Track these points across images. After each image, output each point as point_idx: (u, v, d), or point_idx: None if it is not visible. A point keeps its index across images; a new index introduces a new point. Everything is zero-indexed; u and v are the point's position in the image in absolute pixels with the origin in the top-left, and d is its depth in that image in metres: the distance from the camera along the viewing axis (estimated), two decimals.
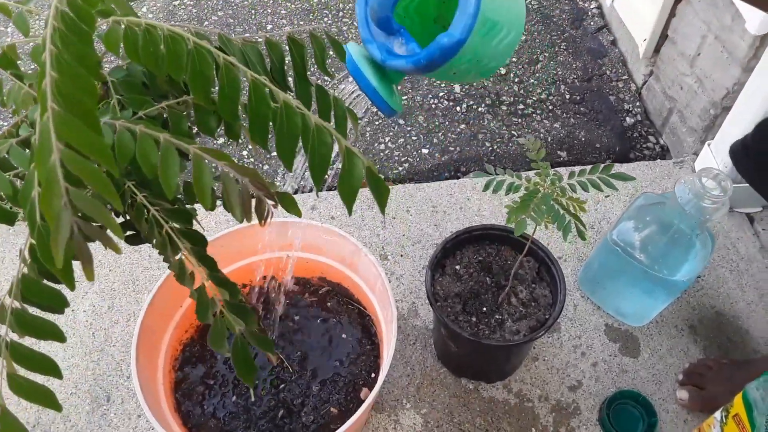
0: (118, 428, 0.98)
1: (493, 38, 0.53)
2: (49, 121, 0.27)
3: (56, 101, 0.27)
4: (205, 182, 0.37)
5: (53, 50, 0.30)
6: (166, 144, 0.36)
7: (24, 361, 0.38)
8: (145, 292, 1.13)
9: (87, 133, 0.27)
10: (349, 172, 0.38)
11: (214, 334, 0.44)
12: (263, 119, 0.39)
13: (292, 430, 0.84)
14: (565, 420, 0.98)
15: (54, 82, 0.28)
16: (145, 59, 0.42)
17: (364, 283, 0.93)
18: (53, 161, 0.26)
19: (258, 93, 0.38)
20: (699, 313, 1.11)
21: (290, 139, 0.38)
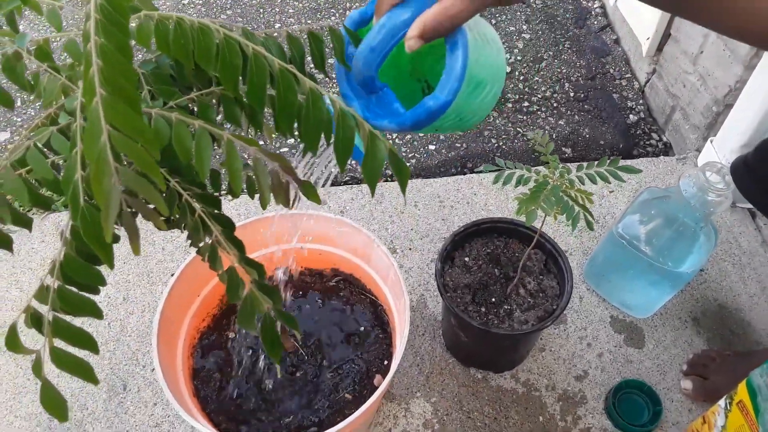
0: (135, 416, 1.00)
1: (477, 96, 0.52)
2: (98, 106, 0.29)
3: (103, 87, 0.30)
4: (236, 166, 0.39)
5: (98, 40, 0.32)
6: (201, 130, 0.39)
7: (65, 335, 0.41)
8: (159, 284, 1.15)
9: (132, 116, 0.29)
10: (372, 155, 0.40)
11: (243, 313, 0.47)
12: (290, 107, 0.41)
13: (307, 415, 0.87)
14: (572, 409, 1.01)
15: (100, 70, 0.30)
16: (176, 51, 0.44)
17: (377, 274, 0.95)
18: (103, 141, 0.28)
19: (285, 81, 0.40)
20: (702, 305, 1.13)
21: (316, 125, 0.40)
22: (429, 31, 0.47)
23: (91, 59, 0.32)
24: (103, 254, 0.38)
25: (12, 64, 0.43)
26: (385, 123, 0.52)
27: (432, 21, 0.47)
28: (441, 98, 0.49)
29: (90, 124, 0.30)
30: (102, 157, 0.30)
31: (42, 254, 1.20)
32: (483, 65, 0.52)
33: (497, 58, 0.55)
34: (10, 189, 0.39)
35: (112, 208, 0.31)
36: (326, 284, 1.01)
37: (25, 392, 1.03)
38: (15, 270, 1.18)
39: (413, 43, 0.48)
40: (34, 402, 1.02)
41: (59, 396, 0.40)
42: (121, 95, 0.31)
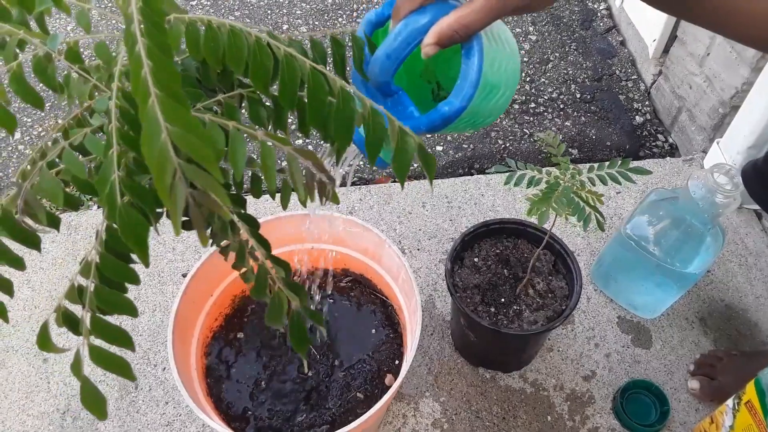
0: (146, 415, 1.01)
1: (491, 100, 0.53)
2: (154, 105, 0.30)
3: (157, 87, 0.30)
4: (270, 165, 0.40)
5: (145, 42, 0.33)
6: (234, 131, 0.39)
7: (104, 333, 0.42)
8: (170, 284, 1.16)
9: (185, 113, 0.30)
10: (403, 150, 0.41)
11: (272, 310, 0.47)
12: (321, 105, 0.42)
13: (319, 414, 0.87)
14: (580, 408, 1.01)
15: (152, 71, 0.31)
16: (206, 53, 0.45)
17: (387, 274, 0.96)
18: (164, 139, 0.29)
19: (316, 80, 0.41)
20: (709, 306, 1.14)
21: (347, 124, 0.41)
22: (445, 38, 0.48)
23: (142, 60, 0.32)
24: (140, 253, 0.39)
25: (43, 65, 0.44)
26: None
27: (448, 29, 0.48)
28: (456, 104, 0.50)
29: (148, 124, 0.31)
30: (163, 154, 0.30)
31: (53, 254, 1.21)
32: (497, 70, 0.53)
33: (512, 60, 0.55)
34: (46, 189, 0.40)
35: (179, 204, 0.31)
36: (337, 284, 1.02)
37: (37, 391, 1.04)
38: (27, 270, 1.19)
39: (429, 50, 0.49)
40: (47, 401, 1.03)
41: (99, 394, 0.41)
42: (172, 95, 0.32)
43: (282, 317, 0.47)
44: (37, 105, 0.50)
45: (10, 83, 0.43)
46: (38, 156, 0.51)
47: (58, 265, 1.20)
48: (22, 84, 0.48)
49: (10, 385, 1.05)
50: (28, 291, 1.16)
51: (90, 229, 1.25)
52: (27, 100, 0.50)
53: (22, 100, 0.49)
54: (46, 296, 1.16)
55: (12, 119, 0.43)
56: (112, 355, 0.41)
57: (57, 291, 1.16)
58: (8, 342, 1.09)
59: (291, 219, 0.95)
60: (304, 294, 0.49)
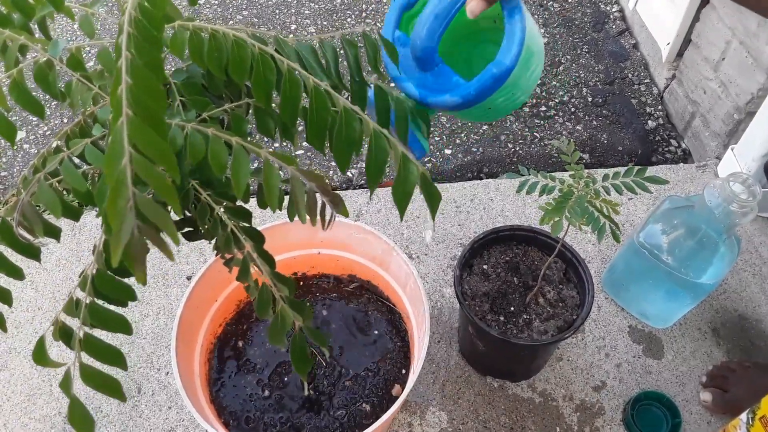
0: (149, 419, 1.00)
1: (528, 68, 0.53)
2: (122, 126, 0.28)
3: (130, 107, 0.29)
4: (273, 183, 0.38)
5: (129, 56, 0.31)
6: (238, 147, 0.38)
7: (95, 351, 0.40)
8: (174, 287, 1.15)
9: (156, 139, 0.29)
10: (405, 178, 0.39)
11: (274, 330, 0.46)
12: (323, 124, 0.40)
13: (324, 424, 0.86)
14: (590, 420, 0.99)
15: (128, 88, 0.29)
16: (210, 63, 0.43)
17: (395, 281, 0.94)
18: (124, 164, 0.27)
19: (319, 99, 0.39)
20: (722, 316, 1.11)
21: (348, 143, 0.40)
22: None
23: (121, 76, 0.31)
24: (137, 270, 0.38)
25: (44, 73, 0.42)
26: (447, 98, 0.52)
27: None
28: (505, 63, 0.50)
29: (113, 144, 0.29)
30: (121, 179, 0.29)
31: (57, 255, 1.20)
32: (533, 35, 0.53)
33: (539, 36, 0.55)
34: (44, 200, 0.39)
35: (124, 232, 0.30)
36: (343, 290, 1.00)
37: (39, 394, 1.03)
38: (30, 271, 1.18)
39: (475, 5, 0.48)
40: (49, 404, 1.02)
41: (87, 414, 0.40)
42: (147, 116, 0.30)
43: (284, 337, 0.46)
44: (38, 113, 0.49)
45: (10, 92, 0.42)
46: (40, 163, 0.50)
47: (62, 266, 1.19)
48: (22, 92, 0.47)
49: (12, 388, 1.04)
50: (32, 292, 1.15)
51: (95, 230, 1.24)
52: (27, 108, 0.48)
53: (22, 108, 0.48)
54: (50, 298, 1.15)
55: (12, 128, 0.41)
56: (102, 375, 0.40)
57: (60, 293, 1.15)
58: (11, 344, 1.08)
59: (298, 224, 0.93)
60: (308, 313, 0.47)
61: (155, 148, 0.30)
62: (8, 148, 1.48)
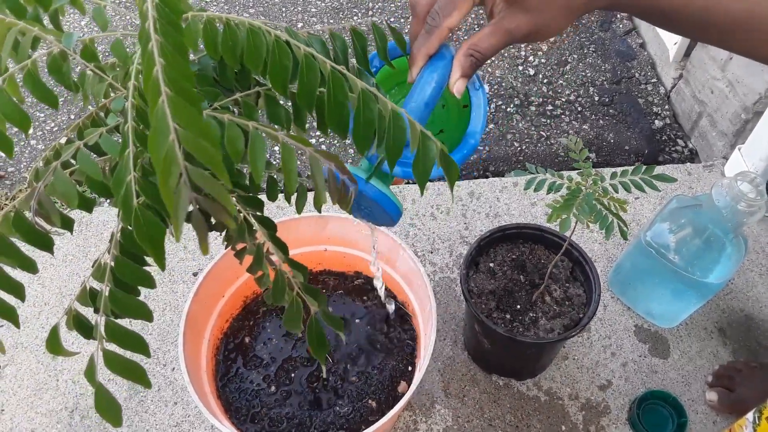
0: (155, 415, 1.00)
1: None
2: (164, 105, 0.28)
3: (168, 86, 0.29)
4: (291, 167, 0.38)
5: (158, 39, 0.31)
6: (255, 132, 0.38)
7: (118, 339, 0.40)
8: (180, 283, 1.15)
9: (196, 115, 0.29)
10: (424, 155, 0.39)
11: (290, 315, 0.46)
12: (341, 108, 0.40)
13: (330, 420, 0.86)
14: (595, 418, 0.99)
15: (164, 69, 0.29)
16: (224, 52, 0.43)
17: (402, 279, 0.94)
18: (171, 140, 0.28)
19: (336, 83, 0.40)
20: (728, 316, 1.11)
21: (367, 125, 0.40)
22: (467, 67, 0.50)
23: (154, 59, 0.31)
24: (156, 256, 0.38)
25: (58, 64, 0.42)
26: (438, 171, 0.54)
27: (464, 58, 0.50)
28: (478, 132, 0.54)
29: (156, 124, 0.29)
30: (170, 156, 0.29)
31: (64, 250, 1.21)
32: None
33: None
34: (60, 190, 0.39)
35: (181, 208, 0.30)
36: (350, 287, 1.00)
37: (45, 389, 1.03)
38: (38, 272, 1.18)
39: (460, 84, 0.51)
40: (55, 398, 1.02)
41: (114, 401, 0.40)
42: (183, 94, 0.31)
43: (300, 322, 0.46)
44: (52, 103, 0.49)
45: (24, 81, 0.42)
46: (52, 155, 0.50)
47: (68, 262, 1.19)
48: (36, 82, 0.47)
49: (19, 382, 1.04)
50: (38, 287, 1.16)
51: (101, 226, 1.25)
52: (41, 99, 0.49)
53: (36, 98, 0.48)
54: (56, 293, 1.15)
55: (26, 118, 0.42)
56: (127, 361, 0.40)
57: (67, 288, 1.16)
58: (17, 339, 1.09)
59: (307, 220, 0.94)
60: (323, 298, 0.47)
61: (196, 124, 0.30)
62: (17, 143, 1.48)
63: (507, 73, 1.61)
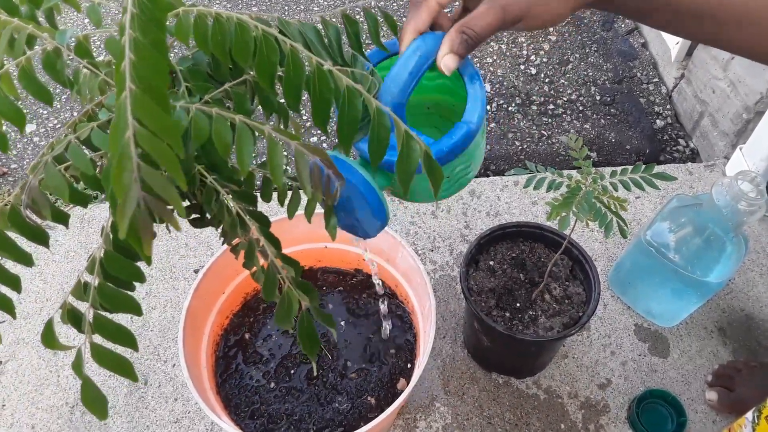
0: (155, 411, 1.00)
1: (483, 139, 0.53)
2: (126, 100, 0.28)
3: (133, 82, 0.29)
4: (277, 162, 0.38)
5: (132, 34, 0.31)
6: (241, 125, 0.38)
7: (106, 332, 0.40)
8: (181, 280, 1.15)
9: (159, 113, 0.29)
10: (407, 156, 0.39)
11: (281, 311, 0.46)
12: (326, 103, 0.41)
13: (330, 416, 0.86)
14: (594, 417, 0.99)
15: (132, 64, 0.30)
16: (214, 47, 0.44)
17: (401, 276, 0.94)
18: (128, 137, 0.28)
19: (322, 78, 0.40)
20: (729, 315, 1.11)
21: (351, 123, 0.40)
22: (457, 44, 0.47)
23: (125, 53, 0.31)
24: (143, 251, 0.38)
25: (52, 61, 0.43)
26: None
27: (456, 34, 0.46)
28: (473, 121, 0.49)
29: (117, 118, 0.30)
30: (125, 152, 0.29)
31: (66, 246, 1.21)
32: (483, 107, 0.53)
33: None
34: (52, 185, 0.39)
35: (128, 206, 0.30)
36: (349, 284, 1.01)
37: (47, 384, 1.03)
38: (38, 262, 1.19)
39: (448, 60, 0.47)
40: (56, 394, 1.02)
41: (100, 394, 0.40)
42: (150, 91, 0.31)
43: (291, 318, 0.46)
44: (46, 100, 0.49)
45: (19, 79, 0.42)
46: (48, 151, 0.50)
47: (70, 258, 1.20)
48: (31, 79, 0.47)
49: (20, 378, 1.04)
50: (40, 283, 1.16)
51: (103, 223, 1.25)
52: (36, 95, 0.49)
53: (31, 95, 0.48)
54: (58, 289, 1.15)
55: (21, 115, 0.42)
56: (114, 354, 0.40)
57: (69, 284, 1.16)
58: (19, 334, 1.09)
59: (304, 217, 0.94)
60: (315, 294, 0.48)
61: (159, 122, 0.30)
62: (18, 140, 1.49)
63: (509, 72, 1.61)
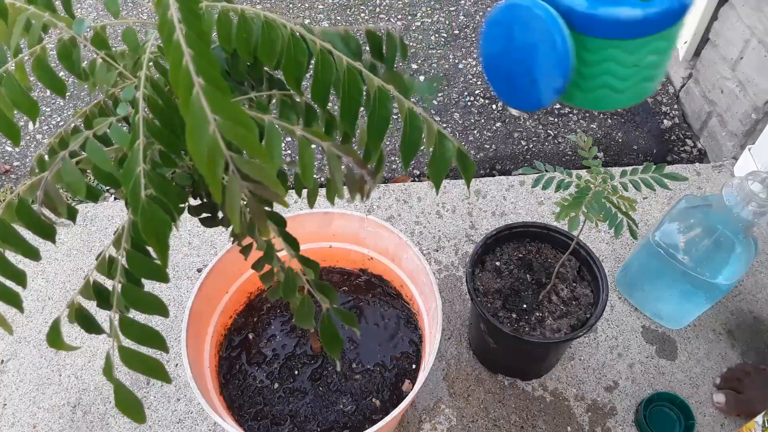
0: (158, 411, 0.99)
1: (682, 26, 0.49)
2: (199, 96, 0.27)
3: (200, 76, 0.28)
4: (307, 161, 0.37)
5: (184, 29, 0.30)
6: (270, 125, 0.37)
7: (135, 335, 0.40)
8: (184, 279, 1.14)
9: (230, 103, 0.28)
10: (441, 155, 0.38)
11: (301, 311, 0.45)
12: (355, 104, 0.40)
13: (334, 418, 0.85)
14: (601, 420, 0.98)
15: (193, 59, 0.28)
16: (238, 44, 0.43)
17: (407, 276, 0.93)
18: (212, 132, 0.27)
19: (352, 80, 0.39)
20: (737, 318, 1.10)
21: (381, 124, 0.39)
22: None
23: (182, 49, 0.30)
24: (160, 251, 0.37)
25: (68, 50, 0.42)
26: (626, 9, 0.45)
27: None
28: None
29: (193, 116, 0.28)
30: (214, 148, 0.28)
31: (68, 245, 1.20)
32: None
33: None
34: (68, 179, 0.38)
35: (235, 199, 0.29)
36: (354, 284, 1.00)
37: (48, 384, 1.03)
38: (40, 261, 1.18)
39: None
40: (57, 394, 1.01)
41: (134, 397, 0.39)
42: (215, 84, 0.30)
43: (312, 318, 0.45)
44: (59, 91, 0.48)
45: (33, 69, 0.41)
46: (57, 144, 0.49)
47: (72, 257, 1.19)
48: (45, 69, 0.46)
49: (21, 377, 1.04)
50: (42, 282, 1.15)
51: (106, 221, 1.24)
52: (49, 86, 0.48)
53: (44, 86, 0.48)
54: (60, 288, 1.14)
55: (35, 106, 0.41)
56: (145, 357, 0.39)
57: (71, 283, 1.15)
58: (21, 333, 1.08)
59: (312, 217, 0.93)
60: (334, 295, 0.47)
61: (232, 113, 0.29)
62: (22, 137, 1.48)
63: None
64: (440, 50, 1.66)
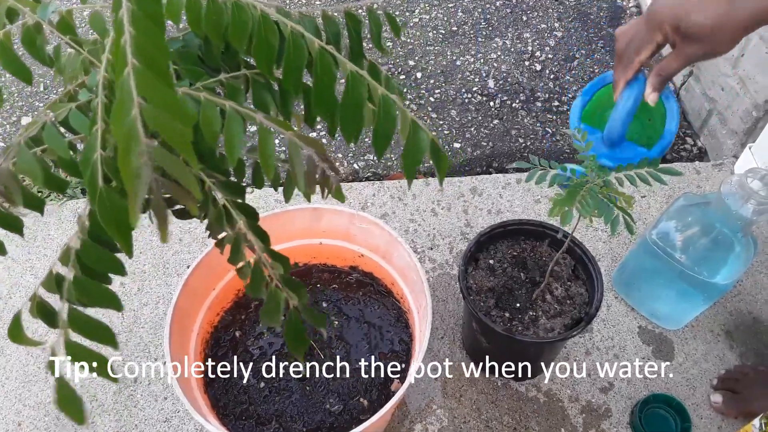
0: (144, 410, 0.98)
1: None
2: (129, 77, 0.26)
3: (135, 57, 0.26)
4: (268, 152, 0.36)
5: (129, 7, 0.29)
6: (231, 112, 0.35)
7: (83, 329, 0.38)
8: (175, 276, 1.13)
9: (165, 89, 0.26)
10: (415, 145, 0.36)
11: (268, 308, 0.43)
12: (328, 90, 0.38)
13: (320, 418, 0.83)
14: (596, 422, 0.96)
15: (133, 38, 0.27)
16: (208, 27, 0.41)
17: (398, 274, 0.92)
18: (134, 115, 0.25)
19: (324, 62, 0.37)
20: (736, 318, 1.08)
21: (356, 110, 0.37)
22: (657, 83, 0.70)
23: (123, 27, 0.28)
24: (121, 241, 0.35)
25: (32, 36, 0.40)
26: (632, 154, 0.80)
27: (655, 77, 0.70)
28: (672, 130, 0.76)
29: (120, 97, 0.27)
30: (132, 131, 0.26)
31: (58, 241, 1.19)
32: None
33: None
34: (23, 168, 0.36)
35: (140, 189, 0.28)
36: (345, 282, 0.98)
37: (34, 381, 1.01)
38: (30, 256, 1.17)
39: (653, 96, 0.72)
40: (44, 391, 1.00)
41: (75, 395, 0.37)
42: (153, 67, 0.28)
43: (278, 316, 0.43)
44: (24, 78, 0.46)
45: None
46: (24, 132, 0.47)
47: None
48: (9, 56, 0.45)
49: (7, 374, 1.02)
50: (31, 278, 1.14)
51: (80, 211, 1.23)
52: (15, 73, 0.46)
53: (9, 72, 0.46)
54: None
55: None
56: (92, 353, 0.38)
57: None
58: (6, 329, 1.07)
59: (302, 213, 0.91)
60: (303, 292, 0.45)
61: (165, 99, 0.27)
62: (11, 134, 1.46)
63: (513, 68, 1.58)
64: (438, 47, 1.64)
